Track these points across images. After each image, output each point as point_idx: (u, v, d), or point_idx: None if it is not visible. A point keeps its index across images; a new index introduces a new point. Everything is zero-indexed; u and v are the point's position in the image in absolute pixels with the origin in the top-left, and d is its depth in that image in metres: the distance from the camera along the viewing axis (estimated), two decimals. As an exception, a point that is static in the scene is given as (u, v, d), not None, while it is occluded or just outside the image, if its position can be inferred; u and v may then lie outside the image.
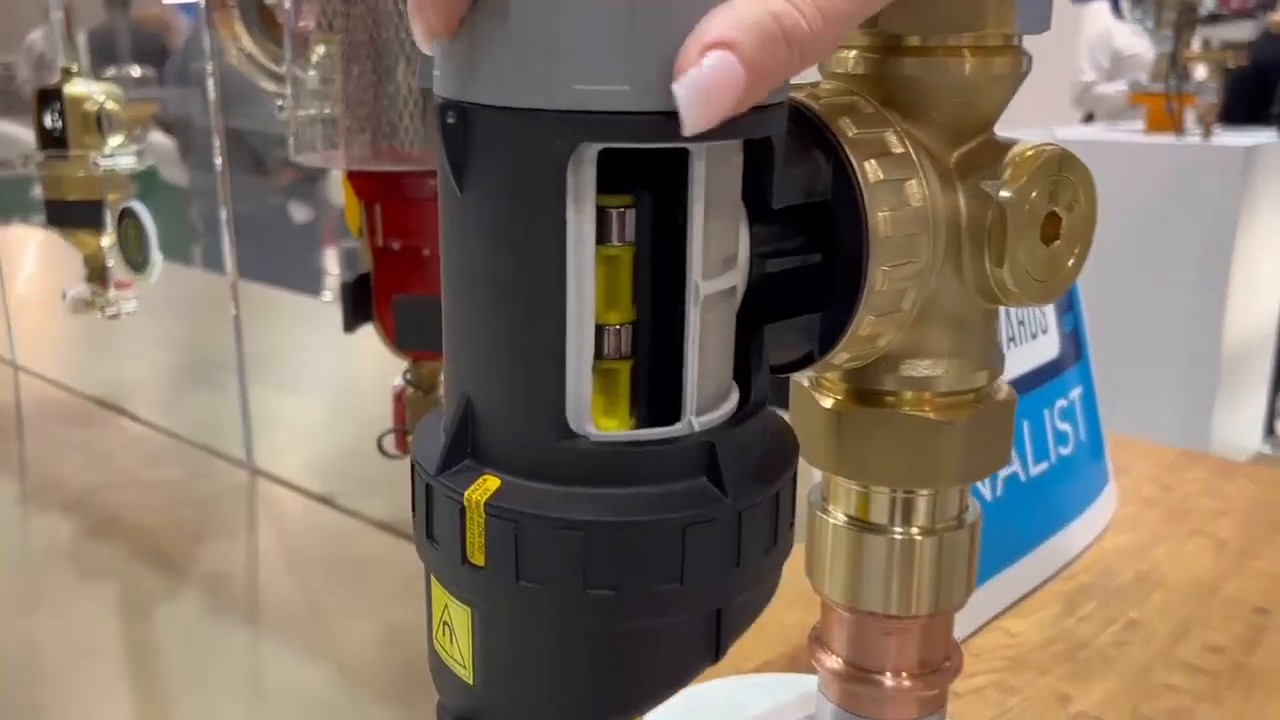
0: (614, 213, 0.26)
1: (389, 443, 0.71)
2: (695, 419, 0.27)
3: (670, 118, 0.23)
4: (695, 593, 0.26)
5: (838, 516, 0.36)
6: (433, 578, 0.29)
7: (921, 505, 0.35)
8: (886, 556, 0.35)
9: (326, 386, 1.06)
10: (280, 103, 0.70)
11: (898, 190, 0.29)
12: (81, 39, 0.94)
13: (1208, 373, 2.30)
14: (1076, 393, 0.65)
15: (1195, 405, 2.31)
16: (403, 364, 0.70)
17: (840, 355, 0.30)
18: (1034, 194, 0.31)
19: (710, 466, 0.26)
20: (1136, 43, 3.34)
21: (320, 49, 0.63)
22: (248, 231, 1.36)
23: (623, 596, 0.25)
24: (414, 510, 0.29)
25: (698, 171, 0.25)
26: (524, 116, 0.24)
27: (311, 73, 0.67)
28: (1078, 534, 0.64)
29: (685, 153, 0.25)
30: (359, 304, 0.68)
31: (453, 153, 0.25)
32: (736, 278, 0.27)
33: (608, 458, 0.26)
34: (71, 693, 0.59)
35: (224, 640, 0.63)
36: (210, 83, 0.87)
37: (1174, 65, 2.43)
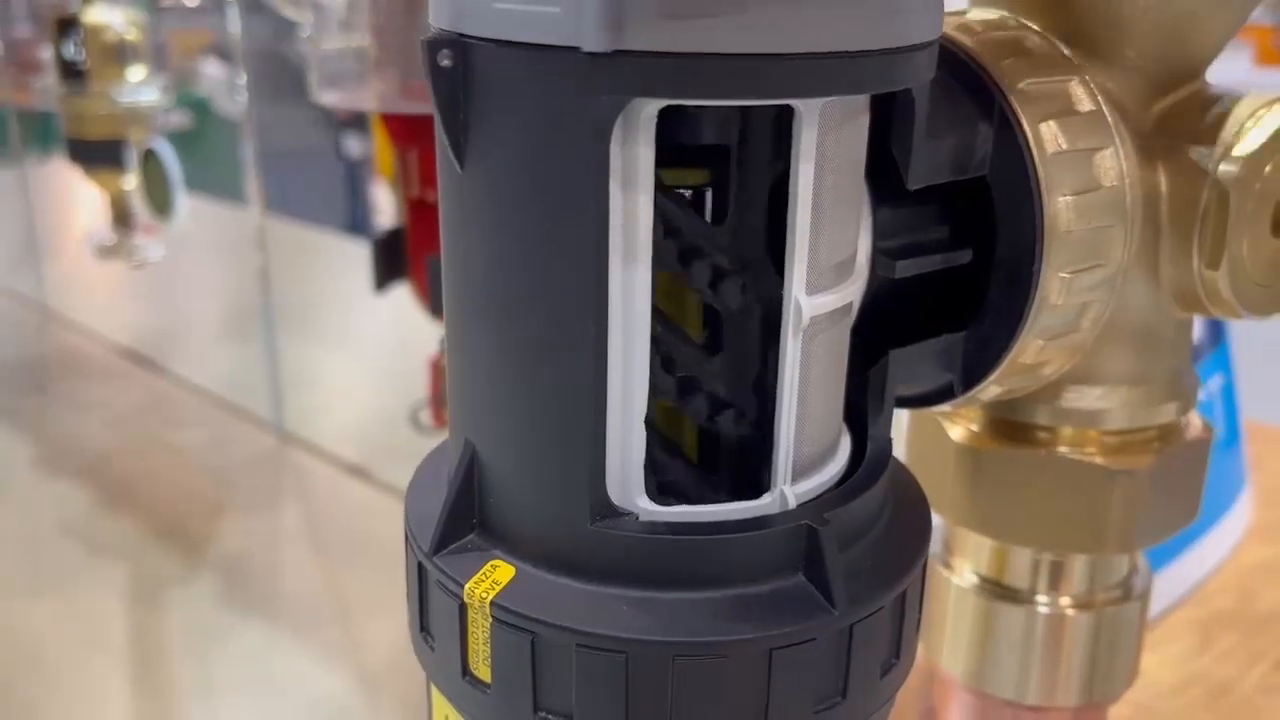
0: (683, 195, 0.18)
1: (425, 416, 0.64)
2: (790, 489, 0.19)
3: (770, 61, 0.15)
4: (782, 737, 0.18)
5: (964, 575, 0.28)
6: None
7: (1076, 568, 0.27)
8: (1026, 632, 0.27)
9: (369, 341, 1.00)
10: (304, 34, 0.62)
11: (1085, 164, 0.21)
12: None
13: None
14: (1215, 383, 0.55)
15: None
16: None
17: (990, 389, 0.22)
18: (1267, 168, 0.22)
19: (810, 559, 0.19)
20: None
21: (348, -31, 0.56)
22: (298, 168, 1.29)
23: (680, 743, 0.18)
24: (407, 589, 0.21)
25: (806, 141, 0.17)
26: (547, 58, 0.16)
27: (339, -1, 0.58)
28: (1211, 547, 0.55)
29: (787, 112, 0.17)
30: (390, 260, 0.61)
31: (449, 111, 0.17)
32: (853, 290, 0.19)
33: (663, 547, 0.18)
34: (69, 688, 0.54)
35: (237, 635, 0.57)
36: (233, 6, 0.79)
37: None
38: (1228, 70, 0.25)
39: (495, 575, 0.19)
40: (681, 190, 0.18)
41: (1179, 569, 0.52)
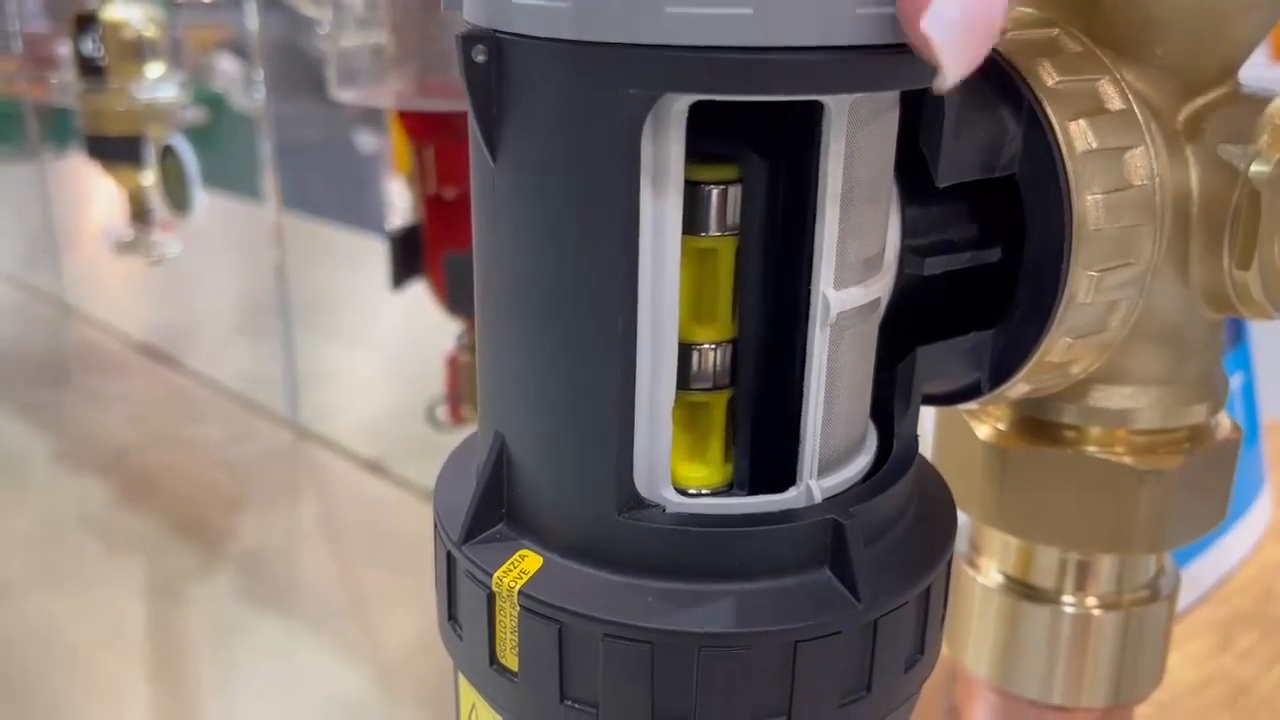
0: (712, 190, 0.18)
1: (441, 412, 0.64)
2: (816, 484, 0.19)
3: (800, 56, 0.15)
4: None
5: (990, 574, 0.28)
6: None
7: (1103, 568, 0.27)
8: (1051, 632, 0.27)
9: (385, 337, 1.00)
10: (323, 31, 0.62)
11: (1115, 163, 0.20)
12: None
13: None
14: (1236, 381, 0.55)
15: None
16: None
17: (1018, 387, 0.22)
18: (1299, 167, 0.22)
19: (835, 553, 0.19)
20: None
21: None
22: (313, 163, 1.29)
23: (705, 733, 0.18)
24: (435, 578, 0.22)
25: (834, 136, 0.17)
26: (580, 53, 0.16)
27: (357, -6, 0.59)
28: (1231, 547, 0.55)
29: (817, 109, 0.17)
30: (408, 257, 0.61)
31: (482, 105, 0.17)
32: (881, 286, 0.19)
33: (689, 539, 0.18)
34: (87, 681, 0.54)
35: (255, 629, 0.57)
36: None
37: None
38: (1242, 67, 0.25)
39: (523, 565, 0.19)
40: (711, 185, 0.18)
41: (1199, 568, 0.52)
